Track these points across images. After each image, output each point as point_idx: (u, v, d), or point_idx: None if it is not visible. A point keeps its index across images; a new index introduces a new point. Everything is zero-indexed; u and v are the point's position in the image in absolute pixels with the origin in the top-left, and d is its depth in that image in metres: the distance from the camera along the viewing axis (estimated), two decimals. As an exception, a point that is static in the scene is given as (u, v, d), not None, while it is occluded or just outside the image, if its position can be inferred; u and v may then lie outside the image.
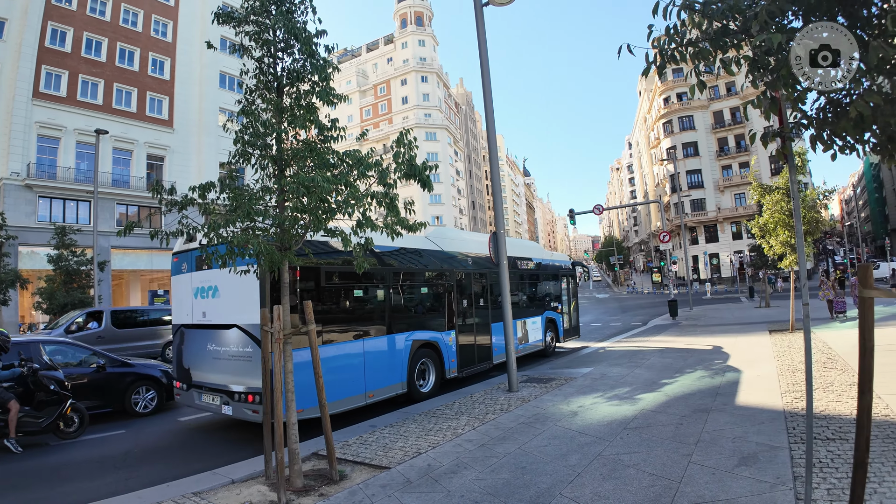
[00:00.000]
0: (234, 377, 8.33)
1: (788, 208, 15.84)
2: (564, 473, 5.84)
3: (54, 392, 8.82)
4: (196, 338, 9.18)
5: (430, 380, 11.31)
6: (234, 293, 8.31)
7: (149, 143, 35.75)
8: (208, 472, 6.73)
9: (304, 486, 5.90)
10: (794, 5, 3.12)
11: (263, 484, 6.19)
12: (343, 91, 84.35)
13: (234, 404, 8.25)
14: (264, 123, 6.07)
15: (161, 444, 8.91)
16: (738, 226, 66.99)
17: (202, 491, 6.06)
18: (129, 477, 7.03)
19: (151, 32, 37.23)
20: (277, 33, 6.27)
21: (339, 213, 5.95)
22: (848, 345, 12.67)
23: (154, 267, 36.49)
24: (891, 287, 28.38)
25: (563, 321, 17.91)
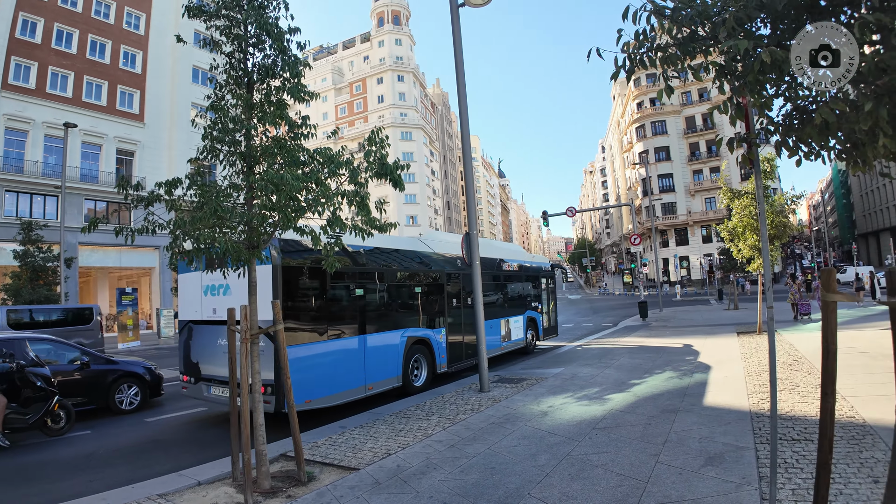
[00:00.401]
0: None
1: (756, 213, 16.14)
2: (533, 473, 5.85)
3: (41, 389, 8.80)
4: (206, 333, 9.56)
5: (423, 374, 11.86)
6: (245, 290, 8.06)
7: (119, 137, 35.08)
8: (174, 473, 6.61)
9: (272, 488, 5.82)
10: (761, 13, 3.15)
11: (230, 486, 6.10)
12: (318, 88, 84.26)
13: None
14: (233, 119, 5.97)
15: (137, 443, 8.77)
16: (708, 229, 68.28)
17: (168, 493, 5.95)
18: (92, 479, 6.88)
19: (123, 25, 36.57)
20: (249, 28, 6.17)
21: (308, 211, 5.88)
22: (814, 347, 12.93)
23: (123, 264, 35.80)
24: (855, 290, 29.12)
25: (543, 320, 18.68)
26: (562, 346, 18.71)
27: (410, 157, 78.46)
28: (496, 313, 15.26)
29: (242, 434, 5.56)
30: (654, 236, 38.98)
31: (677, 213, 72.70)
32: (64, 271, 24.85)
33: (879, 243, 72.44)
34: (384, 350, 10.75)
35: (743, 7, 3.11)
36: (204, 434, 9.18)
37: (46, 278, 24.93)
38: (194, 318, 9.76)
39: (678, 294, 52.46)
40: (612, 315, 32.61)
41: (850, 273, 47.68)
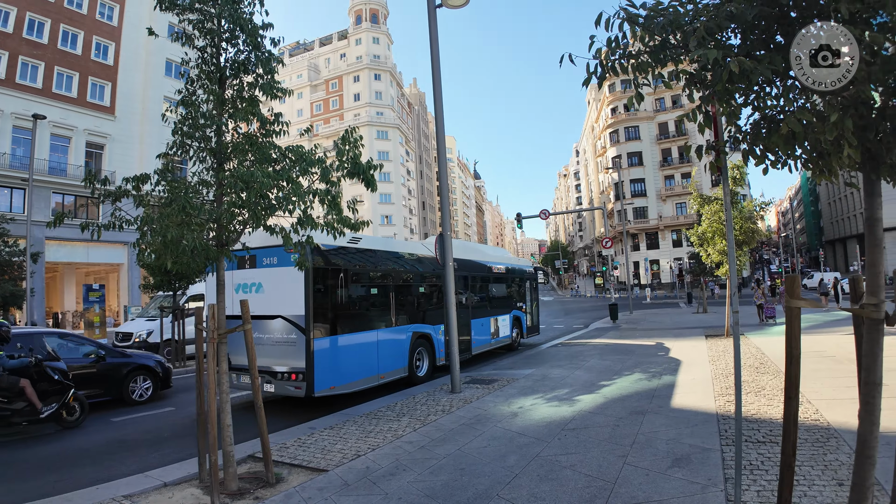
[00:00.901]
0: (277, 359, 9.74)
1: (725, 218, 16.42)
2: (502, 475, 5.87)
3: (58, 382, 9.22)
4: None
5: (425, 366, 12.99)
6: (278, 289, 9.82)
7: (89, 130, 34.31)
8: (140, 474, 6.50)
9: (239, 489, 5.75)
10: (732, 23, 3.20)
11: (197, 487, 6.01)
12: (294, 85, 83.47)
13: (276, 382, 9.72)
14: (205, 115, 5.88)
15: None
16: (679, 234, 69.39)
17: (133, 494, 5.85)
18: (58, 480, 6.71)
19: (97, 15, 35.79)
20: (222, 23, 6.08)
21: (279, 209, 5.82)
22: (780, 350, 13.17)
23: (91, 260, 35.01)
24: (820, 295, 29.87)
25: (527, 319, 20.04)
26: (535, 346, 19.21)
27: (386, 157, 78.23)
28: (486, 312, 16.50)
29: (209, 435, 5.48)
30: (626, 240, 39.46)
31: (649, 217, 73.85)
32: (30, 266, 24.16)
33: (846, 250, 74.36)
34: (394, 344, 11.90)
35: (714, 17, 3.16)
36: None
37: (12, 273, 24.21)
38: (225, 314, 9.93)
39: (648, 297, 53.26)
40: (584, 317, 32.91)
41: (817, 278, 48.98)
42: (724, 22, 3.17)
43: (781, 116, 3.36)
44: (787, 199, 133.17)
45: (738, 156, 3.74)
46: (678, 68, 3.57)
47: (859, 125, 2.93)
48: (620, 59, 3.60)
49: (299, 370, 9.36)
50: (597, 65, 3.63)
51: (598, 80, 3.65)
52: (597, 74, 3.66)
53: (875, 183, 3.18)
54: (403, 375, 12.07)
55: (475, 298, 15.88)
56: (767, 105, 3.48)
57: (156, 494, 5.86)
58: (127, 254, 34.90)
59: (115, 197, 5.68)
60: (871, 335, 3.17)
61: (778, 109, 3.45)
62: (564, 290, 79.54)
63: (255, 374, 5.88)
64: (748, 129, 3.62)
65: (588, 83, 3.68)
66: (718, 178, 31.49)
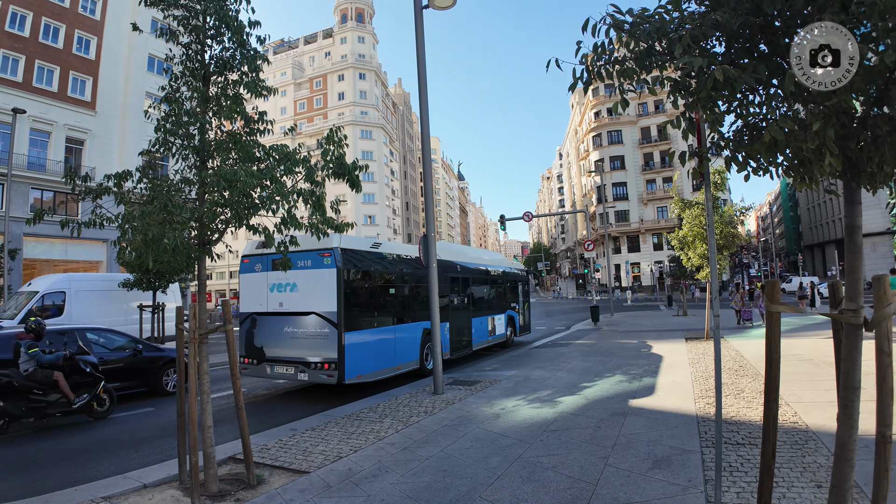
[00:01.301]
0: (310, 351, 10.77)
1: (706, 223, 16.61)
2: (485, 476, 5.88)
3: (89, 374, 9.74)
4: (270, 323, 11.38)
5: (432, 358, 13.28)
6: (311, 288, 10.91)
7: (69, 125, 33.73)
8: (119, 475, 6.42)
9: (220, 491, 5.70)
10: (717, 31, 3.24)
11: (177, 488, 5.95)
12: (277, 82, 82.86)
13: (310, 371, 10.78)
14: (188, 112, 5.82)
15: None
16: (660, 237, 70.14)
17: (112, 495, 5.78)
18: (36, 480, 6.60)
19: (79, 9, 35.15)
20: (207, 20, 6.02)
21: (262, 209, 5.78)
22: (759, 353, 13.35)
23: (69, 257, 34.42)
24: (798, 299, 30.33)
25: (520, 319, 21.49)
26: (528, 343, 20.39)
27: (370, 157, 77.97)
28: (485, 312, 17.85)
29: (189, 436, 5.43)
30: (608, 243, 39.78)
31: (630, 220, 74.50)
32: (7, 263, 23.75)
33: (824, 255, 75.50)
34: (408, 338, 13.09)
35: (699, 25, 3.19)
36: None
37: (-12, 270, 23.78)
38: (259, 311, 11.54)
39: (629, 299, 53.71)
40: (566, 319, 33.07)
41: (796, 282, 49.75)
42: (710, 30, 3.20)
43: (764, 124, 3.40)
44: (766, 204, 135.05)
45: (720, 161, 3.78)
46: (663, 75, 3.60)
47: (841, 134, 2.98)
48: (606, 64, 3.62)
49: (332, 360, 10.51)
50: (583, 70, 3.65)
51: (583, 84, 3.68)
52: (583, 79, 3.68)
53: (855, 191, 3.23)
54: (415, 367, 13.28)
55: (475, 299, 17.16)
56: (750, 113, 3.52)
57: (135, 496, 5.79)
58: (106, 251, 34.39)
59: (96, 194, 5.60)
60: (850, 340, 3.22)
61: (761, 117, 3.50)
62: (547, 292, 79.92)
63: (237, 375, 5.83)
64: (731, 136, 3.66)
65: (574, 88, 3.70)
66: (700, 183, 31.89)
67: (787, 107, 3.38)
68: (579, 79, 3.67)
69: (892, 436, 2.96)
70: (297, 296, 11.08)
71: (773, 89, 3.36)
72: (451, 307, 15.48)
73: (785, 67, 3.19)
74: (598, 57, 3.61)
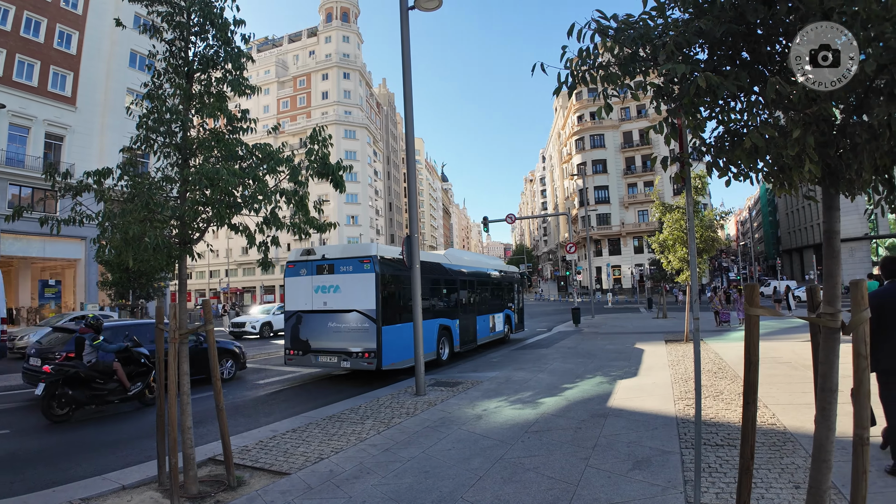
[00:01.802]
0: (352, 343, 12.74)
1: (687, 227, 16.79)
2: (466, 477, 5.89)
3: (143, 364, 10.96)
4: (315, 319, 13.36)
5: (446, 351, 16.05)
6: (353, 289, 12.88)
7: (48, 120, 33.23)
8: (98, 476, 6.33)
9: (200, 493, 5.64)
10: (700, 38, 3.28)
11: (156, 490, 5.88)
12: (261, 80, 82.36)
13: (352, 360, 12.76)
14: (170, 109, 5.76)
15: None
16: (640, 240, 70.87)
17: (90, 497, 5.70)
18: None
19: (61, 3, 34.73)
20: (192, 16, 5.97)
21: (245, 208, 5.74)
22: (737, 355, 13.50)
23: (47, 255, 33.88)
24: (773, 302, 30.79)
25: (515, 317, 23.54)
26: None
27: (353, 156, 77.77)
28: (487, 311, 19.81)
29: (169, 437, 5.37)
30: (589, 245, 40.03)
31: (611, 223, 75.22)
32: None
33: (802, 259, 76.72)
34: (428, 332, 14.61)
35: (683, 32, 3.23)
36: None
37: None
38: (304, 309, 13.50)
39: (610, 302, 54.09)
40: (547, 320, 33.21)
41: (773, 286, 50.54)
42: (693, 37, 3.24)
43: (745, 131, 3.45)
44: (746, 208, 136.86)
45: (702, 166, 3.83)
46: (646, 80, 3.64)
47: (820, 141, 3.03)
48: (591, 69, 3.65)
49: (371, 350, 12.45)
50: (567, 75, 3.67)
51: (568, 89, 3.70)
52: (567, 84, 3.70)
53: (834, 197, 3.28)
54: (434, 358, 15.06)
55: (480, 299, 19.27)
56: (732, 119, 3.57)
57: (113, 497, 5.71)
58: (84, 249, 33.90)
59: (76, 191, 5.53)
60: (828, 343, 3.28)
61: (742, 124, 3.54)
62: (528, 294, 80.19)
63: (217, 376, 5.77)
64: (712, 142, 3.70)
65: (559, 92, 3.72)
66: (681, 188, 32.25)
67: (767, 114, 3.43)
68: (564, 83, 3.70)
69: (869, 438, 3.02)
70: (340, 296, 13.04)
71: (754, 96, 3.41)
72: (460, 306, 17.39)
73: (766, 75, 3.24)
74: (583, 62, 3.63)
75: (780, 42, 3.25)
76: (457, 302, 17.24)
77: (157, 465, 6.07)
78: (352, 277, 12.93)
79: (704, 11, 3.27)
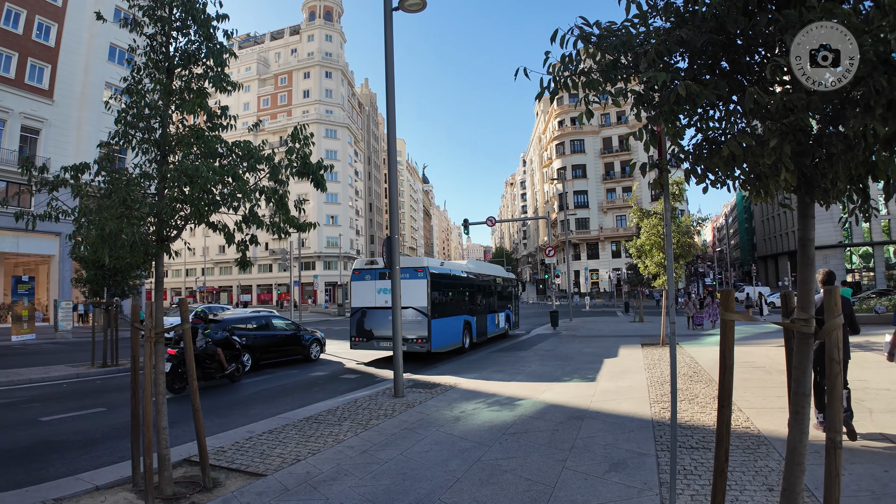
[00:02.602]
0: (408, 332, 16.15)
1: (664, 232, 16.99)
2: (444, 479, 5.89)
3: (237, 349, 14.01)
4: (378, 314, 16.83)
5: (468, 341, 19.70)
6: (409, 291, 16.06)
7: (25, 113, 32.54)
8: (71, 476, 6.21)
9: (175, 494, 5.57)
10: (681, 47, 3.33)
11: (130, 491, 5.78)
12: (242, 77, 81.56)
13: (408, 344, 16.15)
14: (150, 105, 5.68)
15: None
16: (618, 245, 71.57)
17: (63, 497, 5.58)
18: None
19: (42, -6, 33.96)
20: (174, 11, 5.91)
21: (223, 206, 5.68)
22: (712, 359, 13.70)
23: (21, 250, 33.20)
24: (745, 308, 31.32)
25: (514, 317, 27.42)
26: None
27: (334, 156, 77.31)
28: (493, 310, 23.40)
29: (144, 437, 5.29)
30: (568, 249, 40.30)
31: (590, 228, 75.88)
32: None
33: (777, 266, 77.90)
34: (456, 325, 18.64)
35: (664, 41, 3.27)
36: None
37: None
38: (368, 306, 17.12)
39: (587, 305, 54.48)
40: (526, 323, 33.31)
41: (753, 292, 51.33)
42: (674, 46, 3.29)
43: (723, 139, 3.51)
44: (722, 215, 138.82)
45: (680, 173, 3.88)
46: (627, 87, 3.69)
47: (797, 150, 3.09)
48: (573, 75, 3.68)
49: (424, 337, 16.28)
50: (550, 80, 3.70)
51: (550, 94, 3.73)
52: (549, 89, 3.73)
53: (809, 205, 3.35)
54: (459, 346, 18.74)
55: (489, 301, 22.90)
56: (710, 127, 3.63)
57: (87, 498, 5.61)
58: (59, 245, 33.26)
59: (52, 186, 5.43)
60: (801, 348, 3.34)
61: (720, 132, 3.60)
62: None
63: (193, 376, 5.70)
64: (691, 150, 3.76)
65: (541, 97, 3.75)
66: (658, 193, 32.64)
67: (745, 123, 3.50)
68: (546, 88, 3.73)
69: (842, 442, 3.08)
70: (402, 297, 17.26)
71: (732, 105, 3.47)
72: (476, 306, 21.09)
73: (745, 85, 3.30)
74: (566, 67, 3.66)
75: (759, 53, 3.31)
76: (474, 302, 21.15)
77: (131, 465, 5.98)
78: (408, 282, 16.19)
79: (686, 21, 3.32)
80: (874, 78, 2.72)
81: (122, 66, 35.40)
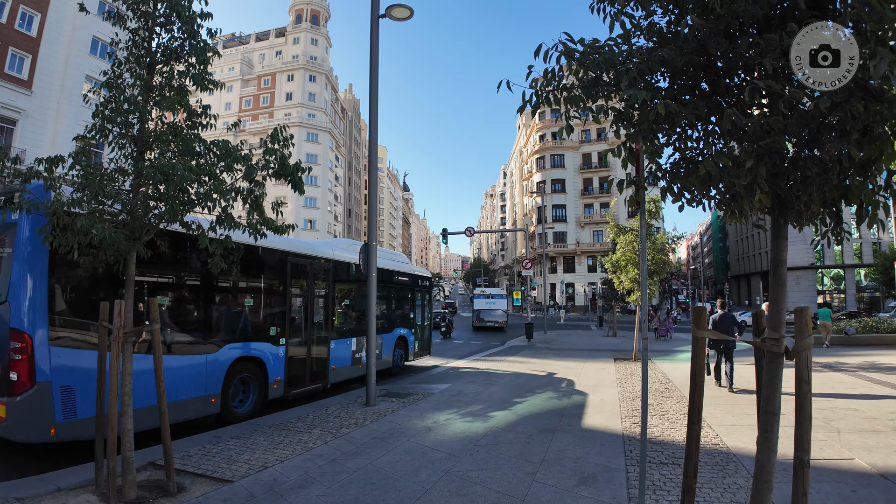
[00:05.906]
0: (497, 318, 39.04)
1: (639, 249, 17.17)
2: (413, 490, 5.84)
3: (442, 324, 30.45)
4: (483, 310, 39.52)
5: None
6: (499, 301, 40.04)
7: (2, 103, 31.77)
8: (34, 476, 6.03)
9: (138, 498, 5.44)
10: (662, 67, 3.37)
11: (93, 493, 5.63)
12: (225, 76, 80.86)
13: (498, 325, 38.54)
14: (129, 100, 5.59)
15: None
16: (594, 260, 72.29)
17: (26, 497, 5.41)
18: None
19: (26, -17, 33.30)
20: (158, 6, 5.84)
21: (198, 205, 5.60)
22: (684, 375, 13.82)
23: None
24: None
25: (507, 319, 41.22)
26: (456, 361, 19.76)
27: (315, 160, 76.86)
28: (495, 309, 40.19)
29: (108, 439, 5.16)
30: (545, 262, 40.70)
31: (567, 242, 76.55)
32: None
33: (750, 285, 79.25)
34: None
35: (646, 60, 3.32)
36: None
37: None
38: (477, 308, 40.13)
39: (562, 318, 54.81)
40: (501, 335, 33.42)
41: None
42: (655, 65, 3.33)
43: (700, 159, 3.56)
44: (697, 233, 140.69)
45: (657, 191, 3.94)
46: (608, 104, 3.72)
47: (772, 172, 3.14)
48: (554, 90, 3.71)
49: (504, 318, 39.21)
50: (532, 94, 3.72)
51: (532, 108, 3.75)
52: (531, 103, 3.75)
53: (782, 227, 3.40)
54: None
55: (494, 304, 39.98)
56: (688, 147, 3.68)
57: (49, 499, 5.44)
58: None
59: (25, 178, 5.31)
60: (772, 367, 3.38)
61: (697, 152, 3.66)
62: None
63: (161, 378, 5.57)
64: (668, 168, 3.80)
65: (522, 110, 3.76)
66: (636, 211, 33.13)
67: (723, 143, 3.55)
68: (528, 102, 3.74)
69: (810, 461, 3.12)
70: (494, 301, 40.18)
71: (711, 126, 3.52)
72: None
73: (724, 106, 3.35)
74: (548, 82, 3.69)
75: (738, 75, 3.37)
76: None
77: (94, 467, 5.83)
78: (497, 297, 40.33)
79: (668, 41, 3.37)
80: (851, 104, 2.78)
81: (103, 59, 34.88)
